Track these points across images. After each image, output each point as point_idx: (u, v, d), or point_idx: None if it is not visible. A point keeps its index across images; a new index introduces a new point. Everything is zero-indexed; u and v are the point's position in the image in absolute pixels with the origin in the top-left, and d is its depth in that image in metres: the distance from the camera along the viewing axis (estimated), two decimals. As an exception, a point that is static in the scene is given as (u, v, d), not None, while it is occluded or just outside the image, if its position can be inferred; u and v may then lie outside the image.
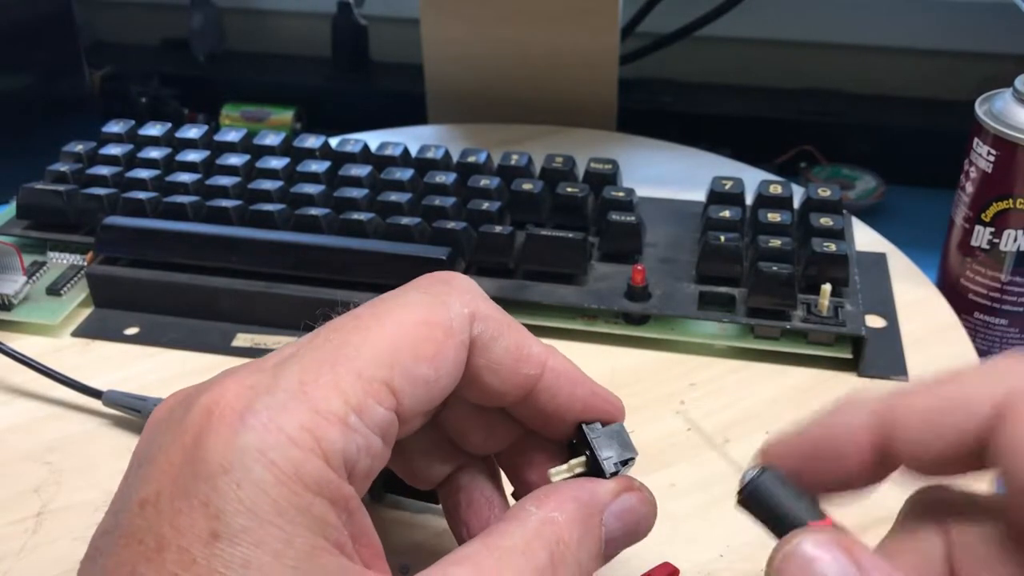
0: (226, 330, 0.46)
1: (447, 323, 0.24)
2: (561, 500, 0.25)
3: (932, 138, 0.67)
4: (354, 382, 0.22)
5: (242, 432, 0.21)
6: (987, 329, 0.49)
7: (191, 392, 0.23)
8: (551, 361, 0.26)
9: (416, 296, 0.25)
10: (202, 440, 0.21)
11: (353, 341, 0.23)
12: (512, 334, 0.26)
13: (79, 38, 0.68)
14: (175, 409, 0.23)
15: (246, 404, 0.21)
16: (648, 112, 0.71)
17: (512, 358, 0.25)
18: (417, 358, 0.23)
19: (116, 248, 0.48)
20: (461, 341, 0.24)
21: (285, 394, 0.21)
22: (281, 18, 0.85)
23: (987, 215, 0.47)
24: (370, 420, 0.22)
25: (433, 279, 0.26)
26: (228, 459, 0.20)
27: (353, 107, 0.77)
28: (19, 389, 0.43)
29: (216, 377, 0.23)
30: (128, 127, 0.56)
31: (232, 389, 0.22)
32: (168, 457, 0.21)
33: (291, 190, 0.50)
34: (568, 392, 0.26)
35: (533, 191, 0.49)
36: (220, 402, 0.21)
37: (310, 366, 0.22)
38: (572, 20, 0.63)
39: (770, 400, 0.41)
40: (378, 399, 0.22)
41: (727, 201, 0.50)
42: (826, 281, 0.43)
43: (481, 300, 0.26)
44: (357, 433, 0.22)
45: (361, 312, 0.24)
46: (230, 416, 0.21)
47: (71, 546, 0.35)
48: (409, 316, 0.24)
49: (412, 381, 0.23)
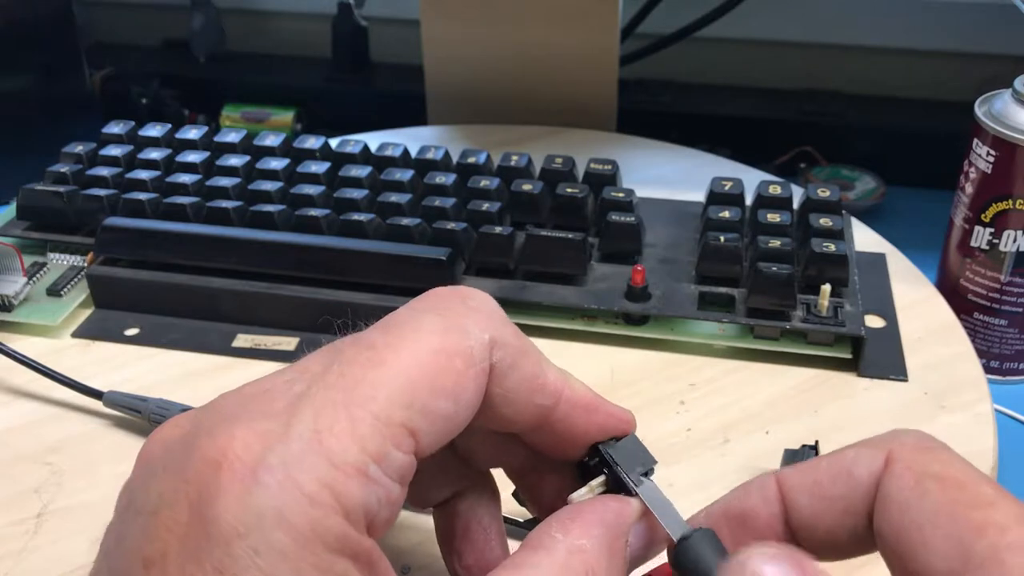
0: (226, 331, 0.46)
1: (467, 351, 0.22)
2: (587, 525, 0.23)
3: (932, 138, 0.67)
4: (372, 427, 0.20)
5: (256, 491, 0.19)
6: (987, 329, 0.49)
7: (189, 428, 0.21)
8: (566, 391, 0.25)
9: (433, 320, 0.23)
10: (211, 498, 0.19)
11: (369, 378, 0.21)
12: (529, 362, 0.24)
13: (79, 38, 0.68)
14: (173, 449, 0.21)
15: (258, 457, 0.19)
16: (648, 112, 0.71)
17: (527, 388, 0.24)
18: (436, 392, 0.22)
19: (116, 249, 0.48)
20: (481, 369, 0.23)
21: (300, 444, 0.20)
22: (281, 19, 0.85)
23: (987, 216, 0.47)
24: (389, 467, 0.21)
25: (450, 297, 0.24)
26: (243, 521, 0.19)
27: (353, 108, 0.77)
28: (19, 390, 0.43)
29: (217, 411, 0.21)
30: (128, 128, 0.56)
31: (241, 438, 0.20)
32: (173, 513, 0.19)
33: (291, 191, 0.50)
34: (583, 421, 0.25)
35: (533, 192, 0.50)
36: (228, 453, 0.19)
37: (324, 409, 0.20)
38: (572, 20, 0.63)
39: (770, 400, 0.41)
40: (397, 444, 0.21)
41: (727, 202, 0.50)
42: (826, 281, 0.43)
43: (500, 323, 0.24)
44: (377, 484, 0.20)
45: (375, 340, 0.22)
46: (241, 471, 0.19)
47: (71, 547, 0.35)
48: (426, 345, 0.22)
49: (431, 419, 0.22)
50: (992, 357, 0.49)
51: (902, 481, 0.21)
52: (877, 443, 0.22)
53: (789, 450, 0.37)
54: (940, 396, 0.41)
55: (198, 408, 0.23)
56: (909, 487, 0.21)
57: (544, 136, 0.63)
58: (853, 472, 0.22)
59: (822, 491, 0.23)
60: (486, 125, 0.65)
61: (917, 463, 0.22)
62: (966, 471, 0.21)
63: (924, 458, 0.22)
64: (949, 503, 0.20)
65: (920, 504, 0.21)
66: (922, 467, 0.21)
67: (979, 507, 0.20)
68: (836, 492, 0.22)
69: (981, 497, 0.20)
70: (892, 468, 0.22)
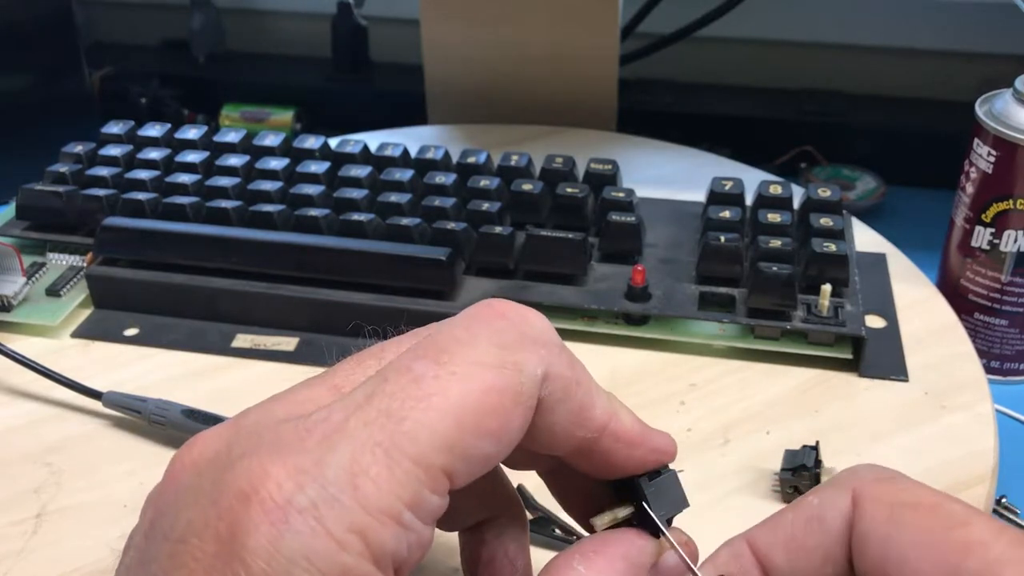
0: (226, 331, 0.46)
1: (518, 389, 0.21)
2: (611, 561, 0.23)
3: (932, 138, 0.67)
4: (410, 471, 0.20)
5: (287, 534, 0.18)
6: (987, 329, 0.49)
7: (222, 449, 0.21)
8: (612, 424, 0.24)
9: (488, 352, 0.21)
10: (241, 535, 0.19)
11: (412, 418, 0.20)
12: (578, 395, 0.23)
13: (79, 38, 0.68)
14: (205, 473, 0.20)
15: (289, 497, 0.19)
16: (648, 112, 0.71)
17: (572, 421, 0.23)
18: (480, 435, 0.21)
19: (116, 249, 0.48)
20: (528, 407, 0.22)
21: (334, 487, 0.19)
22: (281, 18, 0.84)
23: (987, 216, 0.47)
24: (423, 512, 0.20)
25: (508, 321, 0.22)
26: (270, 564, 0.18)
27: (353, 107, 0.77)
28: (19, 390, 0.43)
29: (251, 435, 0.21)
30: (128, 128, 0.56)
31: (274, 474, 0.19)
32: (201, 543, 0.19)
33: (291, 191, 0.50)
34: (624, 455, 0.24)
35: (533, 192, 0.49)
36: (260, 490, 0.19)
37: (362, 450, 0.19)
38: (572, 20, 0.63)
39: (770, 400, 0.41)
40: (434, 488, 0.20)
41: (727, 201, 0.50)
42: (826, 281, 0.43)
43: (555, 354, 0.23)
44: (410, 530, 0.20)
45: (423, 371, 0.21)
46: (272, 510, 0.19)
47: (71, 547, 0.35)
48: (478, 382, 0.21)
49: (471, 461, 0.21)
50: (993, 357, 0.49)
51: (875, 516, 0.22)
52: (838, 484, 0.23)
53: (789, 451, 0.37)
54: (941, 396, 0.41)
55: (230, 425, 0.22)
56: (884, 520, 0.21)
57: (544, 136, 0.63)
58: (824, 518, 0.22)
59: (797, 544, 0.23)
60: (486, 125, 0.65)
61: (884, 495, 0.22)
62: (933, 494, 0.22)
63: (889, 489, 0.22)
64: (927, 530, 0.21)
65: (899, 536, 0.21)
66: (891, 498, 0.22)
67: (956, 527, 0.20)
68: (811, 543, 0.23)
69: (955, 517, 0.21)
70: (862, 505, 0.22)
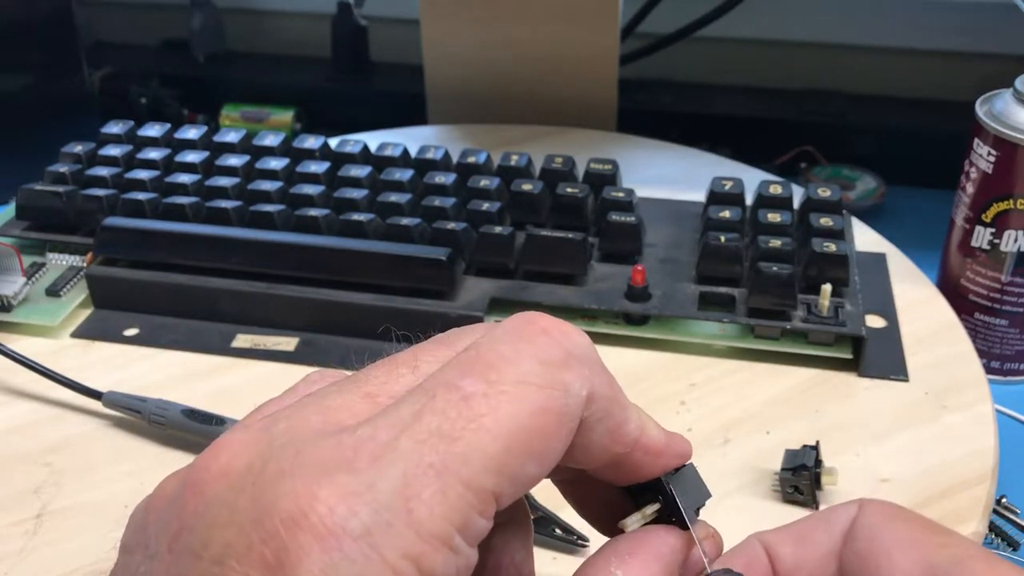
0: (226, 331, 0.46)
1: (563, 409, 0.21)
2: (646, 562, 0.23)
3: (932, 138, 0.67)
4: (462, 496, 0.19)
5: (342, 563, 0.18)
6: (987, 329, 0.49)
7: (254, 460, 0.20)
8: (642, 438, 0.24)
9: (534, 370, 0.21)
10: (291, 562, 0.18)
11: (464, 439, 0.20)
12: (616, 413, 0.23)
13: (79, 38, 0.68)
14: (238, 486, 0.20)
15: (342, 522, 0.18)
16: (648, 112, 0.71)
17: (609, 439, 0.23)
18: (527, 457, 0.20)
19: (115, 249, 0.48)
20: (572, 429, 0.22)
21: (387, 511, 0.19)
22: (281, 18, 0.84)
23: (987, 215, 0.47)
24: (471, 536, 0.20)
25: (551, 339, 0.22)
26: None
27: (353, 107, 0.77)
28: (19, 390, 0.43)
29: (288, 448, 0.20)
30: (127, 128, 0.56)
31: (323, 497, 0.18)
32: (243, 567, 0.18)
33: (291, 191, 0.50)
34: (650, 464, 0.25)
35: (533, 192, 0.49)
36: (310, 515, 0.18)
37: (414, 472, 0.19)
38: (572, 20, 0.63)
39: (770, 400, 0.41)
40: (482, 511, 0.20)
41: (727, 201, 0.50)
42: (826, 281, 0.43)
43: (598, 374, 0.22)
44: (459, 555, 0.19)
45: (472, 390, 0.20)
46: (325, 536, 0.18)
47: (71, 547, 0.35)
48: (527, 404, 0.21)
49: (516, 483, 0.20)
50: (993, 357, 0.49)
51: (873, 517, 0.24)
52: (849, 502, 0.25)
53: (790, 450, 0.37)
54: (941, 396, 0.41)
55: (258, 432, 0.21)
56: (879, 521, 0.24)
57: (544, 136, 0.63)
58: (831, 519, 0.25)
59: (803, 539, 0.25)
60: (486, 125, 0.65)
61: (887, 508, 0.24)
62: (931, 521, 0.24)
63: (893, 507, 0.24)
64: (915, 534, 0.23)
65: (889, 534, 0.23)
66: (892, 511, 0.24)
67: (942, 535, 0.23)
68: (816, 537, 0.24)
69: (945, 532, 0.23)
70: (864, 509, 0.24)
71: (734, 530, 0.35)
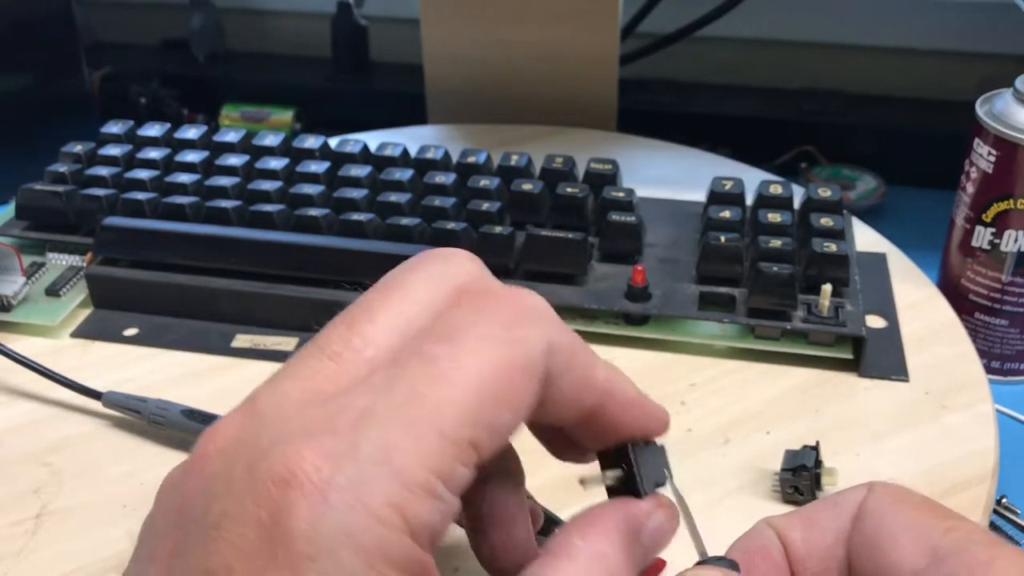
0: (226, 331, 0.46)
1: (527, 362, 0.22)
2: (606, 529, 0.24)
3: (932, 138, 0.66)
4: (439, 445, 0.20)
5: (327, 512, 0.19)
6: (988, 330, 0.49)
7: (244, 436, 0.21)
8: (612, 387, 0.25)
9: (493, 329, 0.22)
10: (282, 519, 0.19)
11: (436, 394, 0.21)
12: (579, 364, 0.24)
13: (79, 38, 0.68)
14: (234, 461, 0.21)
15: (328, 478, 0.19)
16: (648, 112, 0.71)
17: (575, 389, 0.24)
18: (499, 407, 0.22)
19: (115, 249, 0.48)
20: (538, 379, 0.23)
21: (369, 464, 0.20)
22: (281, 18, 0.84)
23: (988, 215, 0.47)
24: (454, 484, 0.21)
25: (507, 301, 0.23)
26: (313, 545, 0.19)
27: (353, 107, 0.77)
28: (19, 390, 0.43)
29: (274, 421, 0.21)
30: (127, 128, 0.56)
31: (309, 458, 0.20)
32: (240, 528, 0.19)
33: (290, 191, 0.50)
34: (623, 418, 0.26)
35: (533, 191, 0.49)
36: (298, 473, 0.19)
37: (392, 428, 0.20)
38: (572, 20, 0.63)
39: (770, 400, 0.41)
40: (462, 460, 0.21)
41: (727, 201, 0.50)
42: (826, 281, 0.43)
43: (555, 328, 0.24)
44: (443, 502, 0.20)
45: (437, 352, 0.22)
46: (312, 491, 0.19)
47: (70, 547, 0.35)
48: (490, 358, 0.22)
49: (493, 432, 0.21)
50: (993, 357, 0.49)
51: (881, 500, 0.25)
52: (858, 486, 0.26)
53: (790, 451, 0.37)
54: (941, 396, 0.41)
55: (246, 410, 0.23)
56: (886, 504, 0.24)
57: (544, 136, 0.63)
58: (839, 503, 0.25)
59: (812, 523, 0.25)
60: (486, 125, 0.65)
61: (897, 491, 0.25)
62: (939, 505, 0.24)
63: (901, 491, 0.25)
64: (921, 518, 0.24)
65: (895, 517, 0.24)
66: (900, 494, 0.25)
67: (949, 519, 0.24)
68: (826, 523, 0.25)
69: (952, 517, 0.24)
70: (873, 491, 0.25)
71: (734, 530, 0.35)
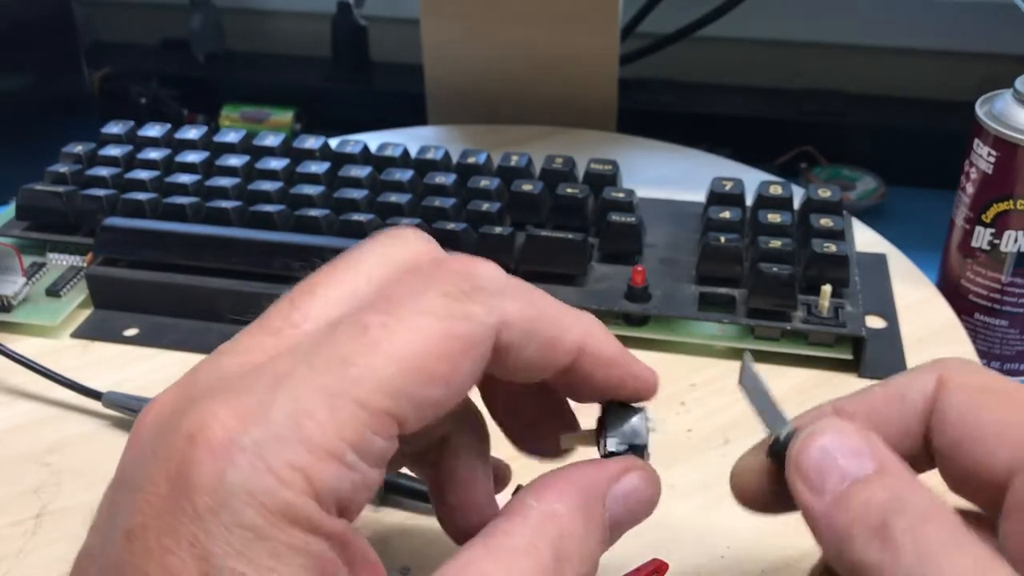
0: (226, 331, 0.45)
1: (467, 337, 0.22)
2: (561, 490, 0.23)
3: (932, 138, 0.67)
4: (354, 414, 0.20)
5: (229, 470, 0.19)
6: (987, 330, 0.49)
7: (177, 403, 0.21)
8: (588, 344, 0.25)
9: (436, 302, 0.22)
10: (187, 473, 0.19)
11: (358, 363, 0.20)
12: (544, 330, 0.24)
13: (79, 38, 0.68)
14: (162, 425, 0.21)
15: (233, 436, 0.19)
16: (648, 112, 0.71)
17: (544, 354, 0.24)
18: (427, 380, 0.21)
19: (116, 249, 0.48)
20: (480, 355, 0.22)
21: (277, 426, 0.20)
22: (281, 18, 0.84)
23: (987, 216, 0.47)
24: (368, 454, 0.20)
25: (456, 273, 0.23)
26: (215, 498, 0.19)
27: (353, 108, 0.77)
28: (19, 390, 0.43)
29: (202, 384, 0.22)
30: (127, 128, 0.56)
31: (220, 415, 0.20)
32: (154, 486, 0.20)
33: (291, 191, 0.50)
34: (603, 374, 0.25)
35: (533, 192, 0.49)
36: (205, 430, 0.20)
37: (307, 394, 0.20)
38: (572, 20, 0.63)
39: (770, 401, 0.41)
40: (379, 431, 0.20)
41: (727, 202, 0.50)
42: (826, 282, 0.43)
43: (511, 299, 0.23)
44: (353, 471, 0.20)
45: (371, 320, 0.21)
46: (217, 448, 0.19)
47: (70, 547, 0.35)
48: (424, 330, 0.21)
49: (419, 405, 0.21)
50: (993, 358, 0.49)
51: (958, 397, 0.23)
52: (926, 368, 0.24)
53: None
54: (941, 397, 0.41)
55: (182, 381, 0.23)
56: (966, 402, 0.23)
57: (544, 136, 0.63)
58: (906, 395, 0.24)
59: (877, 415, 0.24)
60: (486, 125, 0.65)
61: (969, 381, 0.23)
62: (1018, 386, 0.23)
63: (975, 376, 0.23)
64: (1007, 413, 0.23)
65: (978, 416, 0.23)
66: (975, 383, 0.23)
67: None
68: (891, 416, 0.24)
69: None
70: (946, 387, 0.23)
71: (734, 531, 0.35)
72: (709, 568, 0.33)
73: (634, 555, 0.32)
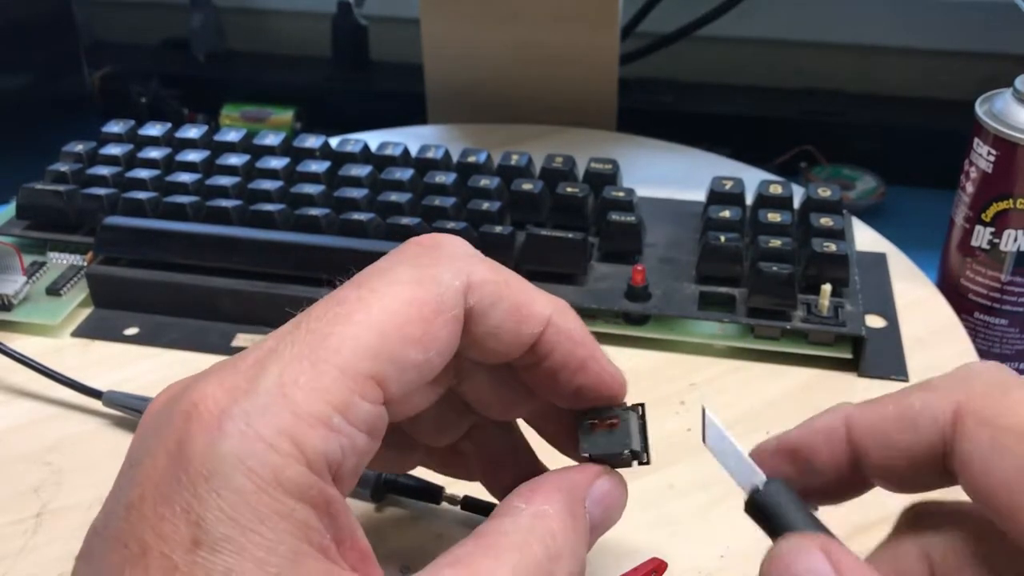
0: (226, 330, 0.46)
1: (437, 299, 0.23)
2: (548, 492, 0.24)
3: (932, 138, 0.67)
4: (337, 379, 0.21)
5: (220, 439, 0.20)
6: (987, 329, 0.49)
7: (179, 389, 0.23)
8: (555, 317, 0.26)
9: (404, 272, 0.24)
10: (182, 445, 0.21)
11: (336, 332, 0.22)
12: (511, 296, 0.25)
13: (79, 38, 0.68)
14: (163, 408, 0.22)
15: (223, 408, 0.21)
16: (648, 112, 0.71)
17: (513, 320, 0.25)
18: (404, 342, 0.22)
19: (116, 248, 0.48)
20: (453, 316, 0.24)
21: (264, 396, 0.21)
22: (281, 18, 0.84)
23: (987, 215, 0.47)
24: (355, 418, 0.22)
25: (421, 247, 0.25)
26: (208, 466, 0.20)
27: (353, 107, 0.77)
28: (19, 389, 0.43)
29: (203, 373, 0.23)
30: (128, 127, 0.56)
31: (211, 392, 0.21)
32: (154, 460, 0.21)
33: (291, 190, 0.50)
34: (568, 350, 0.26)
35: (533, 191, 0.49)
36: (199, 405, 0.21)
37: (290, 364, 0.21)
38: (572, 20, 0.63)
39: (770, 400, 0.41)
40: (363, 395, 0.22)
41: (727, 201, 0.50)
42: (826, 281, 0.43)
43: (476, 264, 0.25)
44: (340, 434, 0.21)
45: (346, 295, 0.23)
46: (208, 420, 0.21)
47: (71, 546, 0.35)
48: (396, 297, 0.23)
49: (400, 367, 0.22)
50: (993, 357, 0.49)
51: (978, 439, 0.21)
52: (945, 391, 0.22)
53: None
54: (941, 396, 0.41)
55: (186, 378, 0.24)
56: (986, 445, 0.21)
57: (544, 136, 0.63)
58: (917, 424, 0.22)
59: (889, 440, 0.23)
60: (486, 124, 0.65)
61: (988, 416, 0.21)
62: None
63: (995, 409, 0.21)
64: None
65: (1002, 462, 0.21)
66: (994, 420, 0.21)
67: None
68: (903, 443, 0.22)
69: None
70: (964, 424, 0.21)
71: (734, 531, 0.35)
72: (709, 568, 0.33)
73: (634, 554, 0.32)
